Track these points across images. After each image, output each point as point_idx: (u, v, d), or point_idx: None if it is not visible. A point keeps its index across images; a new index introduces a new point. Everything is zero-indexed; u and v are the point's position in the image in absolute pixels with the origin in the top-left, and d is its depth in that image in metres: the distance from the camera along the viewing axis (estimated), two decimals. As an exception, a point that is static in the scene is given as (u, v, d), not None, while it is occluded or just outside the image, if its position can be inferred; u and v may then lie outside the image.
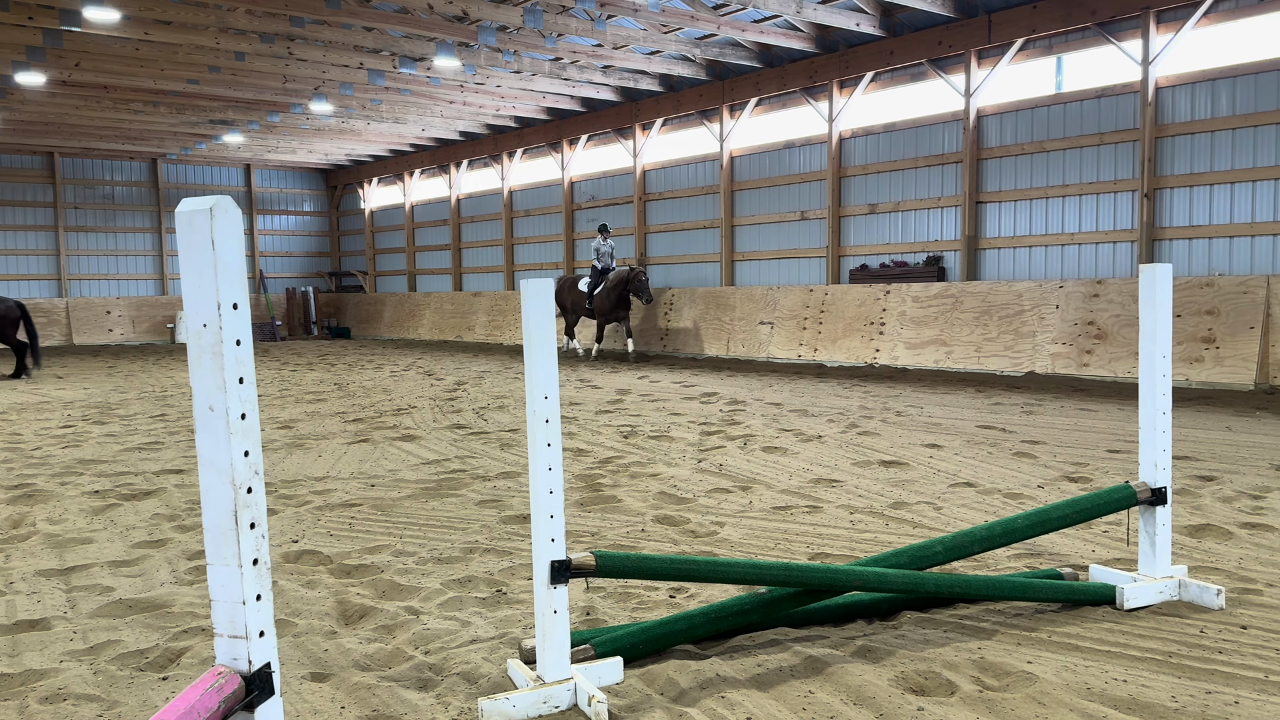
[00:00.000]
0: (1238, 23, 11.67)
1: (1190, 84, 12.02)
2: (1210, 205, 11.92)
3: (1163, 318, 3.83)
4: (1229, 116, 11.69)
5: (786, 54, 16.37)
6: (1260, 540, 4.74)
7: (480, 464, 7.21)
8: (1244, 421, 8.85)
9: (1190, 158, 12.04)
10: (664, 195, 19.72)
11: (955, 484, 6.24)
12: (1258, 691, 2.98)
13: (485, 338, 24.01)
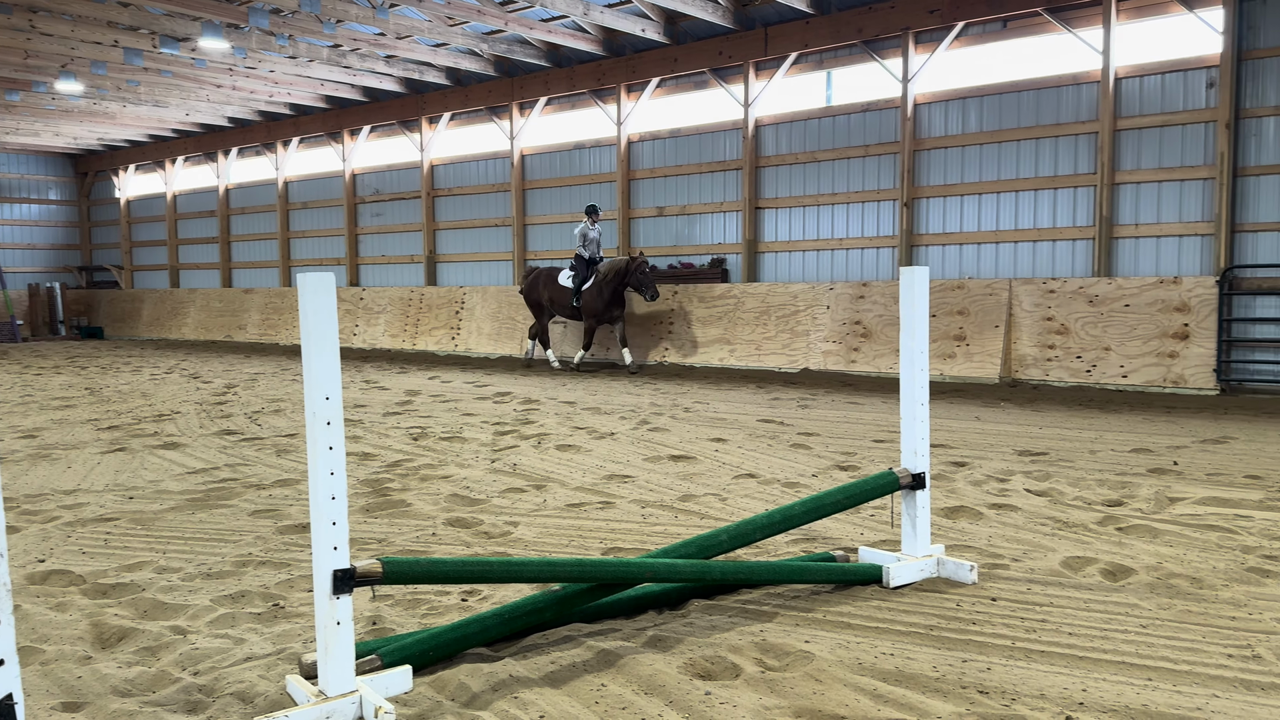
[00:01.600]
0: (985, 47, 12.82)
1: (944, 101, 13.10)
2: (961, 214, 13.03)
3: (920, 316, 4.14)
4: (977, 133, 12.83)
5: (575, 55, 16.49)
6: (1006, 519, 5.22)
7: (254, 472, 6.80)
8: (991, 411, 9.74)
9: (944, 169, 13.12)
10: (454, 191, 19.38)
11: (739, 475, 6.50)
12: (1006, 657, 3.27)
13: (259, 337, 22.69)
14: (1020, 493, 5.85)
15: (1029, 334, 12.07)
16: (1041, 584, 4.05)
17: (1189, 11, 11.05)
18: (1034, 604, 3.80)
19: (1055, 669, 3.15)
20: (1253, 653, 3.26)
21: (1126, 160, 11.67)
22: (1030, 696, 2.93)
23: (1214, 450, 7.30)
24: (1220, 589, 3.95)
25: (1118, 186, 11.76)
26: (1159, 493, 5.77)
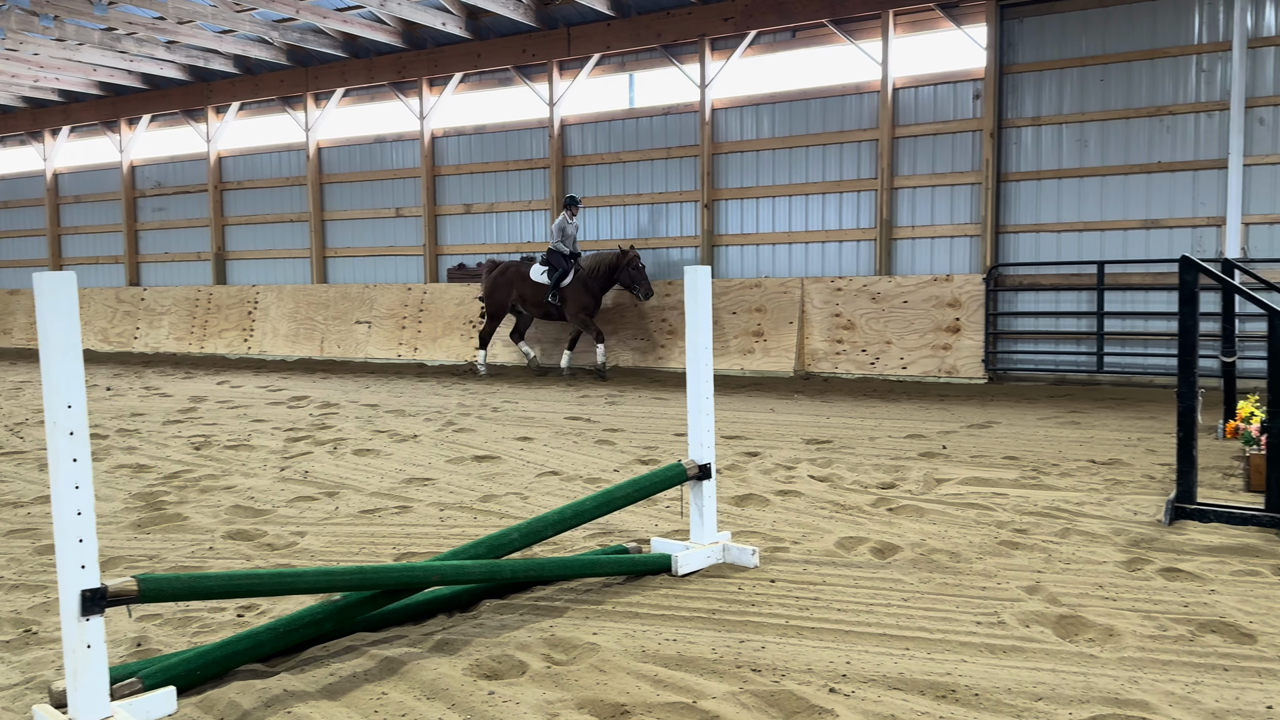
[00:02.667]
0: (776, 55, 13.40)
1: (741, 107, 13.59)
2: (758, 215, 13.57)
3: (703, 314, 4.28)
4: (771, 138, 13.39)
5: (374, 46, 16.00)
6: (790, 505, 5.49)
7: (12, 488, 6.22)
8: (785, 403, 10.21)
9: (741, 173, 13.61)
10: (244, 185, 18.38)
11: (542, 473, 6.51)
12: (780, 636, 3.44)
13: (27, 342, 20.75)
14: (805, 479, 6.16)
15: (820, 329, 12.72)
16: (817, 564, 4.29)
17: (957, 27, 11.96)
18: (809, 583, 4.01)
19: (824, 644, 3.35)
20: (998, 619, 3.57)
21: (904, 166, 12.50)
22: (798, 671, 3.09)
23: (979, 434, 7.95)
24: (975, 562, 4.31)
25: (896, 191, 12.58)
26: (927, 475, 6.22)
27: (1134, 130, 11.08)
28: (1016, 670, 3.09)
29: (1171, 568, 4.15)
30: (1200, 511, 4.89)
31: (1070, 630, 3.45)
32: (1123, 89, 11.11)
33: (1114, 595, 3.82)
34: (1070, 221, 11.46)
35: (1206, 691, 2.90)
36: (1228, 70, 10.53)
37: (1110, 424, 8.37)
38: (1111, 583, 3.97)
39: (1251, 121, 10.49)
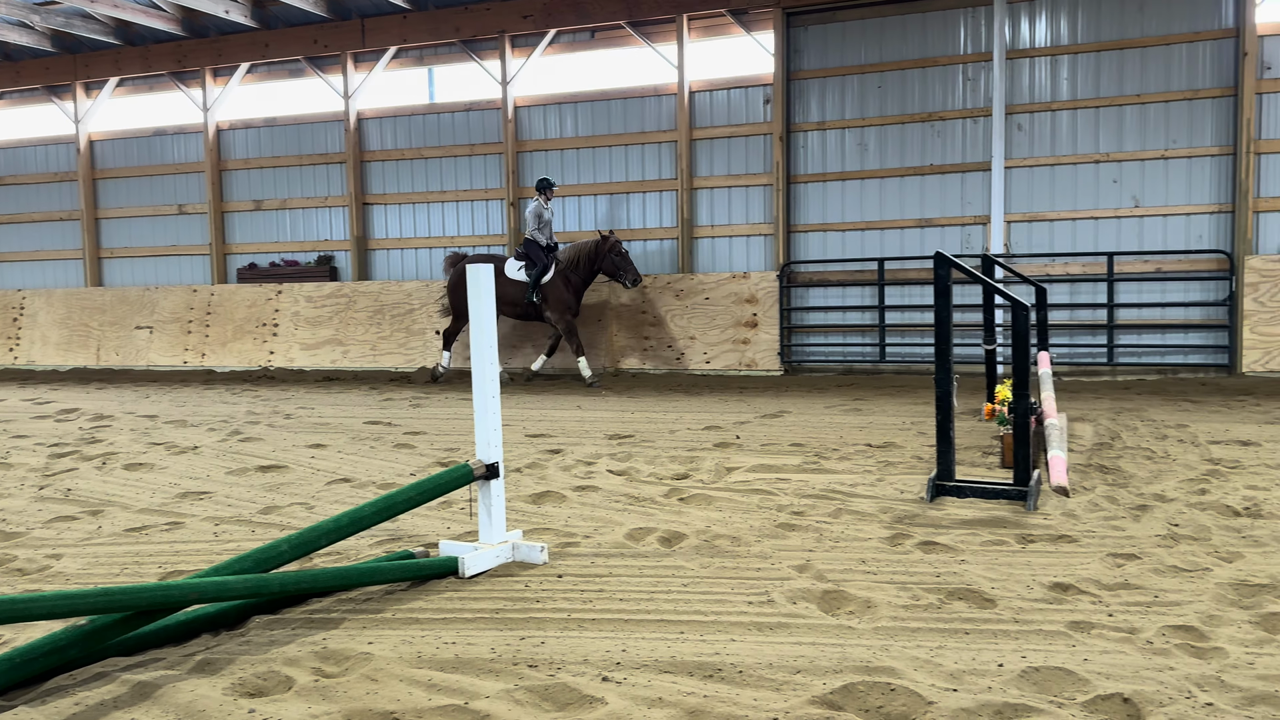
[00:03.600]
0: (578, 55, 13.48)
1: (544, 105, 13.59)
2: (563, 213, 13.61)
3: (487, 313, 4.25)
4: (574, 137, 13.47)
5: (151, 34, 14.95)
6: (586, 500, 5.54)
7: None
8: (593, 400, 10.31)
9: (546, 171, 13.61)
10: (6, 181, 16.76)
11: (333, 481, 6.29)
12: (561, 630, 3.46)
13: None
14: (603, 474, 6.24)
15: (628, 327, 12.91)
16: (605, 557, 4.35)
17: (747, 34, 12.42)
18: (595, 576, 4.07)
19: (603, 634, 3.40)
20: (768, 598, 3.73)
21: (702, 167, 12.88)
22: (574, 663, 3.12)
23: (770, 423, 8.29)
24: (753, 545, 4.49)
25: (696, 191, 12.94)
26: (719, 464, 6.44)
27: (909, 134, 11.86)
28: (780, 646, 3.24)
29: (929, 541, 4.46)
30: (958, 488, 5.29)
31: (833, 605, 3.66)
32: (898, 95, 11.87)
33: (875, 569, 4.07)
34: (854, 221, 12.14)
35: (948, 654, 3.14)
36: (990, 79, 11.44)
37: (889, 410, 8.94)
38: (874, 558, 4.24)
39: (1011, 127, 11.44)
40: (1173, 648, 3.13)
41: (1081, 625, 3.36)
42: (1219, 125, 10.72)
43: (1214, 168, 10.78)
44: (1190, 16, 10.71)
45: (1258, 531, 4.49)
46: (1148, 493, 5.32)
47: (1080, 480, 5.67)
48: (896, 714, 2.71)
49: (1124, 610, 3.50)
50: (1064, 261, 11.33)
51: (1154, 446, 6.73)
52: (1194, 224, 10.91)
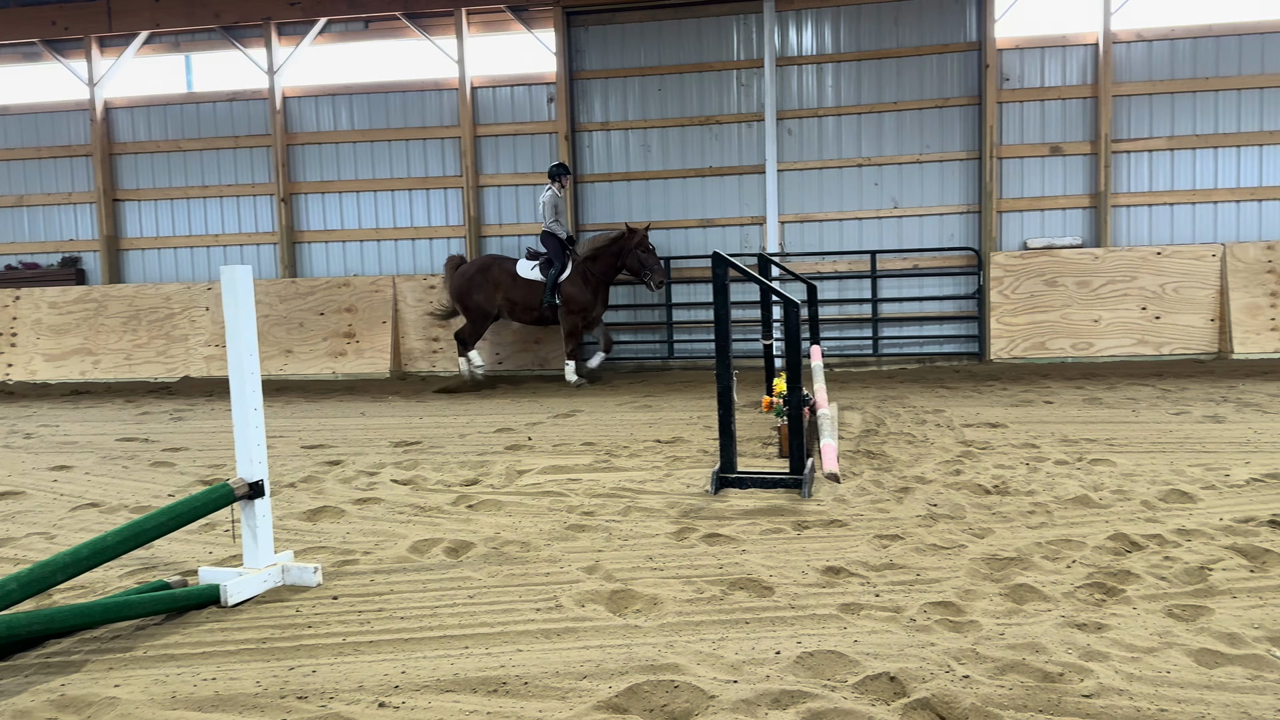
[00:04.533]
0: (352, 45, 12.92)
1: (316, 97, 12.94)
2: (342, 211, 13.03)
3: (245, 318, 3.95)
4: (351, 130, 12.91)
5: None
6: (367, 513, 5.29)
7: None
8: (378, 406, 9.91)
9: (321, 166, 12.98)
10: None
11: (78, 506, 5.69)
12: (335, 656, 3.25)
13: None
14: (387, 484, 5.98)
15: (415, 328, 12.53)
16: (386, 573, 4.15)
17: (528, 31, 12.34)
18: (375, 595, 3.87)
19: (381, 656, 3.22)
20: (556, 603, 3.67)
21: (488, 165, 12.69)
22: (349, 691, 2.94)
23: (563, 423, 8.26)
24: (543, 549, 4.42)
25: (483, 189, 12.73)
26: (510, 467, 6.33)
27: (689, 137, 12.17)
28: (567, 652, 3.19)
29: (713, 533, 4.55)
30: (739, 479, 5.44)
31: (621, 604, 3.65)
32: (678, 98, 12.15)
33: (662, 565, 4.10)
34: (641, 221, 12.33)
35: (729, 645, 3.19)
36: (762, 85, 11.92)
37: (677, 406, 9.13)
38: (661, 553, 4.28)
39: (782, 132, 11.97)
40: (933, 624, 3.32)
41: (852, 607, 3.51)
42: (966, 131, 11.66)
43: (963, 171, 11.72)
44: (939, 30, 11.59)
45: (1005, 508, 4.88)
46: (909, 475, 5.68)
47: (850, 466, 5.98)
48: (680, 712, 2.72)
49: (890, 590, 3.70)
50: (833, 260, 11.99)
51: (915, 431, 7.21)
52: (947, 223, 11.82)
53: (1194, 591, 3.55)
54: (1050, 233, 11.67)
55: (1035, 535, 4.35)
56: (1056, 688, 2.76)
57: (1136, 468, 5.68)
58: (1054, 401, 8.49)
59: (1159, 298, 11.14)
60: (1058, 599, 3.53)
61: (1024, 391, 9.19)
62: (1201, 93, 11.25)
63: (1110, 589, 3.60)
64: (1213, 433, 6.76)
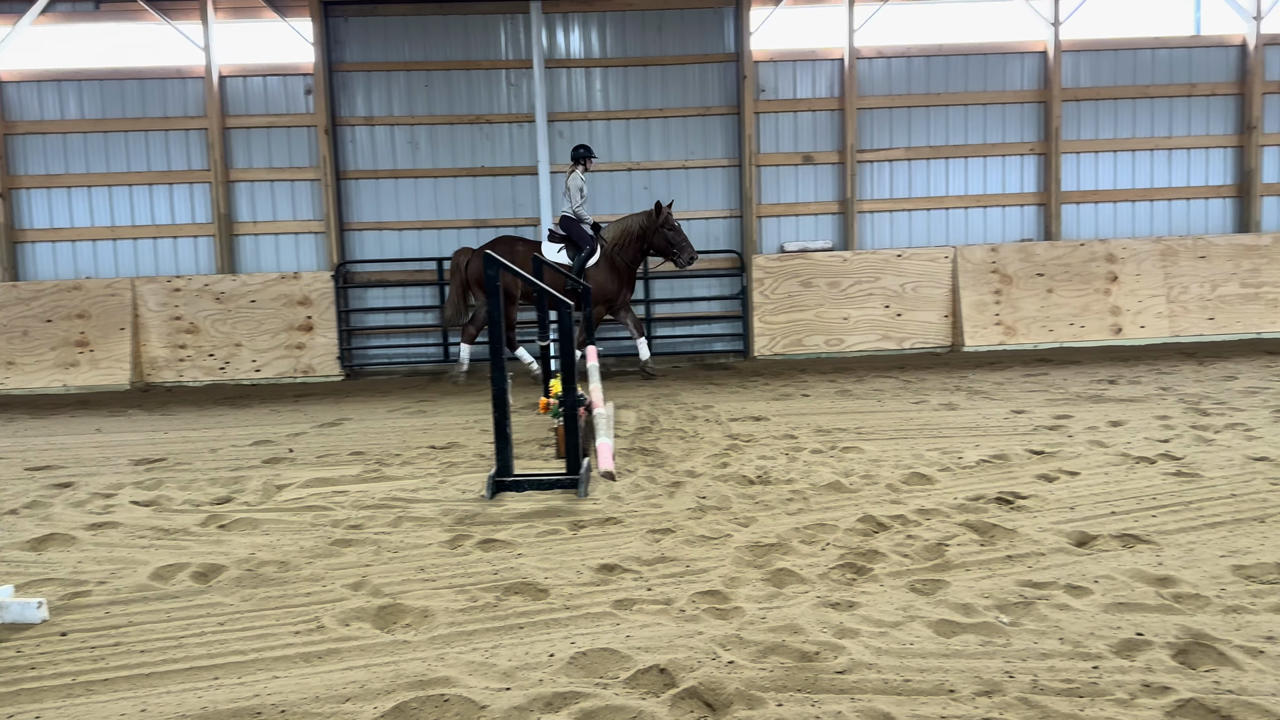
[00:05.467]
0: (81, 27, 11.75)
1: (40, 82, 11.68)
2: (71, 208, 11.83)
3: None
4: (81, 120, 11.74)
5: None
6: (102, 539, 4.80)
7: None
8: (116, 422, 9.05)
9: (46, 159, 11.73)
10: None
11: None
12: (63, 698, 2.92)
13: None
14: (126, 506, 5.46)
15: (159, 335, 11.57)
16: (124, 603, 3.78)
17: (282, 19, 11.69)
18: (110, 628, 3.51)
19: (118, 695, 2.92)
20: (318, 624, 3.47)
21: (240, 158, 11.92)
22: (76, 740, 2.64)
23: (329, 433, 7.88)
24: (304, 568, 4.17)
25: (234, 184, 11.94)
26: (268, 482, 5.95)
27: (459, 135, 11.97)
28: (330, 674, 3.02)
29: (488, 539, 4.47)
30: (516, 482, 5.39)
31: (389, 620, 3.50)
32: (446, 96, 11.92)
33: (434, 576, 3.98)
34: (411, 220, 11.99)
35: (503, 652, 3.14)
36: (531, 86, 11.91)
37: (453, 410, 8.94)
38: (434, 564, 4.15)
39: (553, 134, 12.01)
40: (701, 613, 3.41)
41: (625, 603, 3.55)
42: (728, 139, 12.17)
43: (726, 177, 12.22)
44: (700, 40, 12.02)
45: (767, 496, 5.11)
46: (681, 470, 5.83)
47: (625, 464, 6.07)
48: (451, 726, 2.63)
49: (661, 583, 3.77)
50: (606, 260, 12.17)
51: (686, 427, 7.42)
52: (713, 227, 12.28)
53: (933, 566, 3.85)
54: (805, 237, 12.40)
55: (794, 521, 4.58)
56: (813, 666, 2.90)
57: (882, 453, 6.12)
58: (810, 394, 9.01)
59: (900, 296, 12.08)
60: (814, 580, 3.72)
61: (784, 386, 9.70)
62: (935, 107, 12.31)
63: (860, 568, 3.84)
64: (948, 419, 7.39)
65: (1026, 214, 12.47)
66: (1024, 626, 3.19)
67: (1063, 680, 2.76)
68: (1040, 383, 9.15)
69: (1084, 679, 2.77)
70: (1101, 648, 2.98)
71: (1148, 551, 3.93)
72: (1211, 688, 2.69)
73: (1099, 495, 4.86)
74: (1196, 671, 2.80)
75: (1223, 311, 11.88)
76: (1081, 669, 2.84)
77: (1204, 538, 4.09)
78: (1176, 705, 2.59)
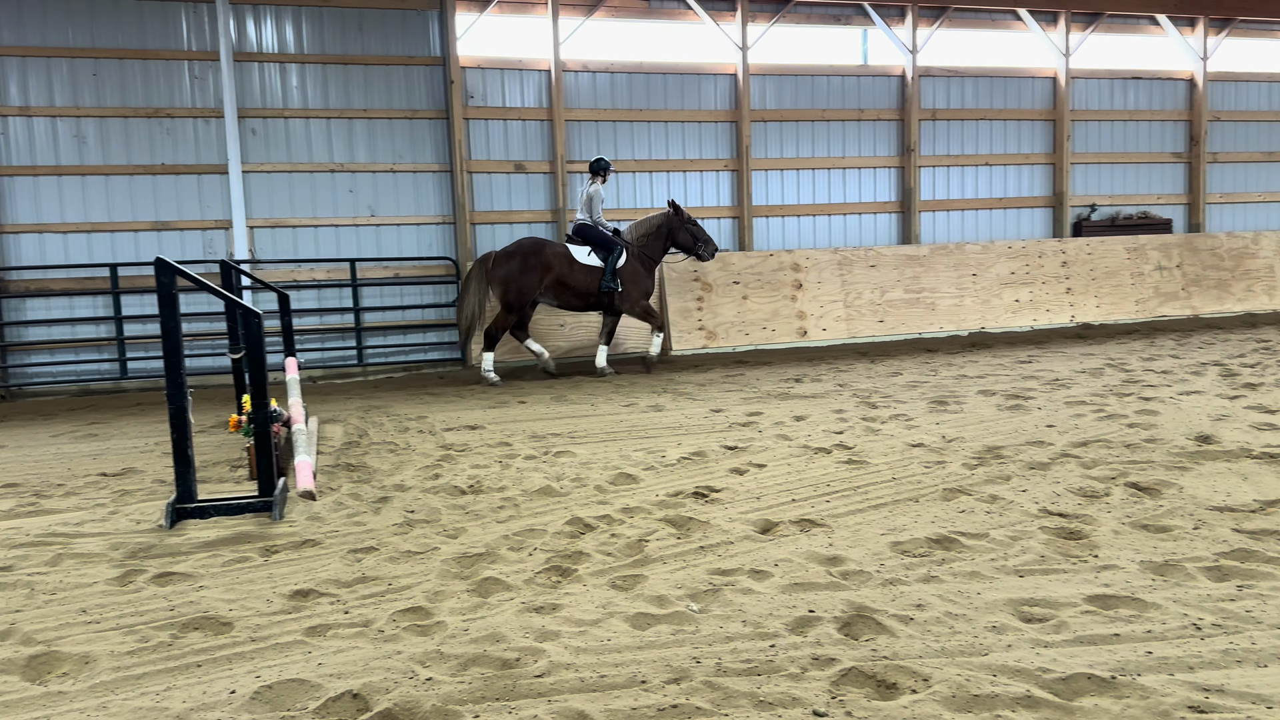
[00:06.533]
0: None
1: None
2: None
3: None
4: None
5: None
6: None
7: None
8: None
9: None
10: None
11: None
12: None
13: None
14: None
15: None
16: None
17: (-89, -9, 10.10)
18: None
19: None
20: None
21: None
22: None
23: (-25, 463, 6.88)
24: (-67, 620, 3.60)
25: None
26: (-109, 525, 5.09)
27: (135, 130, 10.90)
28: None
29: (165, 572, 4.09)
30: (200, 509, 4.97)
31: (41, 670, 3.10)
32: (118, 86, 10.82)
33: (99, 617, 3.58)
34: (77, 222, 10.77)
35: (177, 694, 2.87)
36: (219, 80, 11.08)
37: (130, 432, 8.11)
38: (98, 604, 3.73)
39: (245, 131, 11.24)
40: (401, 631, 3.31)
41: (319, 629, 3.37)
42: (438, 144, 11.97)
43: (437, 183, 12.01)
44: (404, 42, 11.74)
45: (478, 506, 5.06)
46: (389, 484, 5.65)
47: (328, 481, 5.78)
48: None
49: (360, 605, 3.62)
50: (310, 268, 11.56)
51: (397, 439, 7.21)
52: (425, 233, 12.03)
53: (634, 562, 3.98)
54: (518, 243, 12.46)
55: (503, 529, 4.57)
56: (513, 673, 2.90)
57: (593, 456, 6.26)
58: (527, 401, 9.06)
59: (612, 302, 12.45)
60: (519, 586, 3.73)
61: (500, 394, 9.69)
62: (639, 122, 12.81)
63: (565, 570, 3.90)
64: (655, 420, 7.70)
65: (724, 226, 13.28)
66: (712, 612, 3.37)
67: (743, 661, 2.95)
68: (737, 383, 9.77)
69: (762, 658, 2.97)
70: (778, 626, 3.21)
71: (821, 534, 4.30)
72: (870, 655, 2.97)
73: (782, 485, 5.25)
74: (858, 642, 3.09)
75: (890, 315, 13.28)
76: (760, 648, 3.04)
77: (869, 519, 4.53)
78: (840, 674, 2.83)
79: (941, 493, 4.91)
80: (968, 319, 13.45)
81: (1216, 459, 5.39)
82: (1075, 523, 4.28)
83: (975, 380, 9.10)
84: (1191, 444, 5.80)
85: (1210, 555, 3.77)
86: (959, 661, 2.88)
